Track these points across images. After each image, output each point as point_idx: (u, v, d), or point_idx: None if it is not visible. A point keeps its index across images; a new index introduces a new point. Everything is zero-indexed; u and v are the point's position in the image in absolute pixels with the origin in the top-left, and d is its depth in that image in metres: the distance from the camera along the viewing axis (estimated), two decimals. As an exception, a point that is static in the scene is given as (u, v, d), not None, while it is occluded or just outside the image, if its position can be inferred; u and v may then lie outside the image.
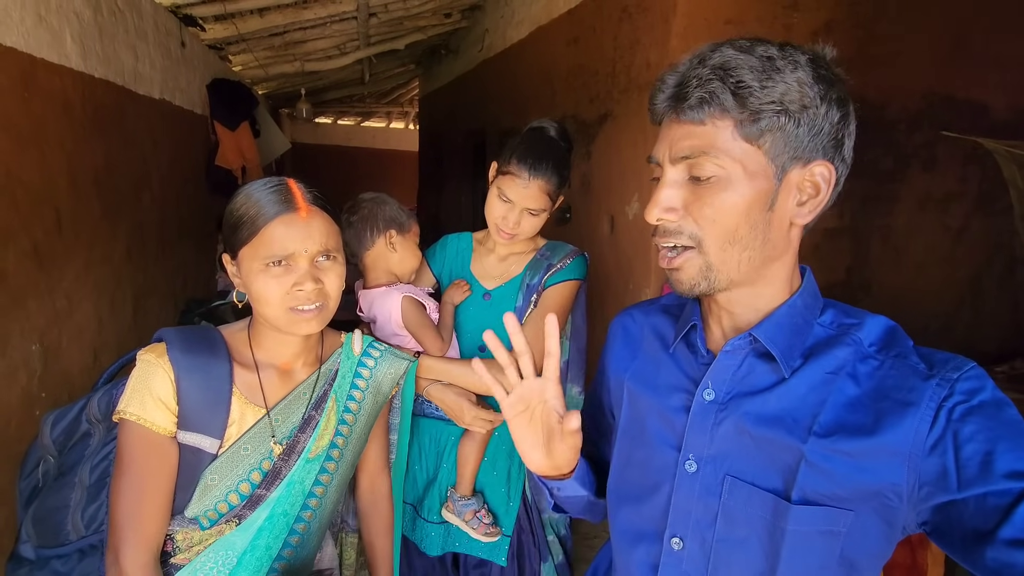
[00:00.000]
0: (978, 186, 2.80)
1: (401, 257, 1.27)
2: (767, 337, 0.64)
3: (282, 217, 0.83)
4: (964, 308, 2.93)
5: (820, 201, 0.63)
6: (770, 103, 0.59)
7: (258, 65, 4.88)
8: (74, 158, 2.16)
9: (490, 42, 4.70)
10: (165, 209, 3.26)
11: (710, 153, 0.61)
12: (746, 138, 0.60)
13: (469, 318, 1.31)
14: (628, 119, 2.66)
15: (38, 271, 1.91)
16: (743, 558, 0.64)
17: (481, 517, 1.27)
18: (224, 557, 0.87)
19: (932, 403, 0.57)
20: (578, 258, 1.29)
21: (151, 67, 3.03)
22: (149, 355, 0.85)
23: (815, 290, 0.69)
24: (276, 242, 0.82)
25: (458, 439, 1.29)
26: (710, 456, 0.66)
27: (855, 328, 0.64)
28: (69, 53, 2.13)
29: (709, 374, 0.68)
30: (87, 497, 0.91)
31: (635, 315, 0.84)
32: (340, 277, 0.89)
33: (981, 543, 0.52)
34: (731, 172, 0.61)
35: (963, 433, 0.55)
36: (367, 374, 1.01)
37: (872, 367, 0.62)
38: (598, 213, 2.94)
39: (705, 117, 0.60)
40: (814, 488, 0.60)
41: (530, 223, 1.22)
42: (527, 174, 1.18)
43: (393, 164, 10.89)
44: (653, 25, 2.44)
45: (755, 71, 0.59)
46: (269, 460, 0.89)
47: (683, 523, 0.67)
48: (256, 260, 0.83)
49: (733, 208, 0.61)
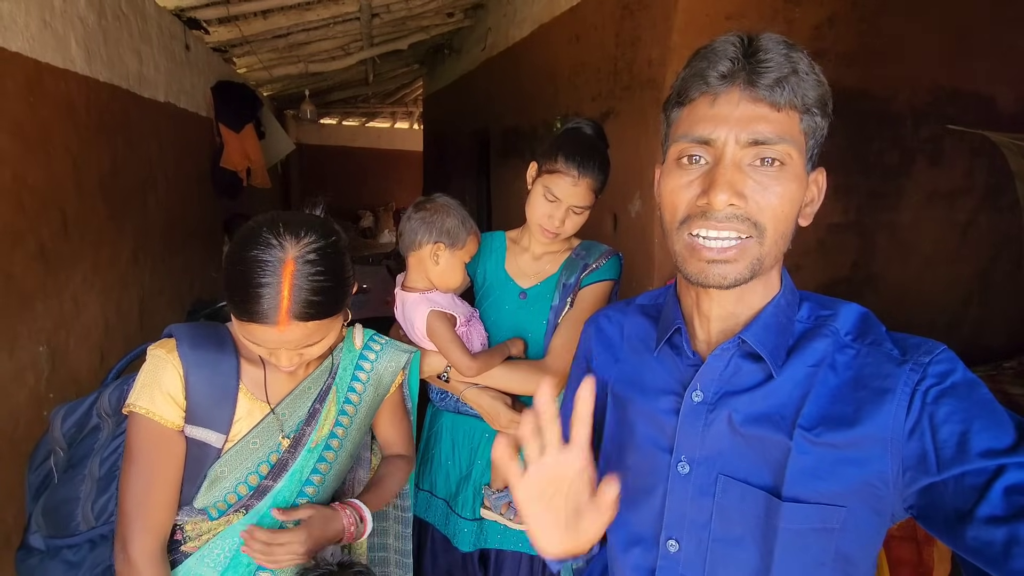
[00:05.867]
0: (985, 180, 2.78)
1: (442, 271, 1.22)
2: (756, 339, 0.64)
3: (262, 325, 0.79)
4: (971, 303, 2.90)
5: (817, 206, 0.66)
6: (819, 103, 0.61)
7: (262, 67, 4.91)
8: (80, 161, 2.19)
9: (493, 41, 4.71)
10: (171, 211, 3.29)
11: (788, 141, 0.59)
12: (803, 132, 0.61)
13: (504, 316, 1.31)
14: (630, 116, 2.66)
15: (45, 273, 1.93)
16: (739, 557, 0.64)
17: (517, 507, 1.27)
18: (231, 544, 0.91)
19: (907, 388, 0.57)
20: (613, 258, 1.30)
21: (156, 70, 3.05)
22: (159, 350, 0.87)
23: (792, 286, 0.69)
24: (256, 337, 0.81)
25: (492, 436, 1.30)
26: (702, 457, 0.66)
27: (831, 319, 0.65)
28: (74, 57, 2.15)
29: (698, 376, 0.67)
30: (97, 489, 0.93)
31: (611, 315, 0.83)
32: (327, 344, 0.87)
33: (962, 523, 0.52)
34: (796, 163, 0.61)
35: (938, 415, 0.56)
36: (368, 367, 1.04)
37: (850, 356, 0.62)
38: (601, 211, 2.93)
39: (783, 101, 0.58)
40: (804, 483, 0.60)
41: (574, 222, 1.22)
42: (576, 172, 1.17)
43: (398, 164, 10.91)
44: (654, 22, 2.44)
45: (810, 68, 0.60)
46: (277, 453, 0.92)
47: (678, 525, 0.67)
48: (241, 334, 0.83)
49: (793, 200, 0.61)
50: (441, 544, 1.36)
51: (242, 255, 0.78)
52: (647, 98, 2.54)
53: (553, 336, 1.25)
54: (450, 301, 1.25)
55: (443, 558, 1.37)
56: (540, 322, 1.28)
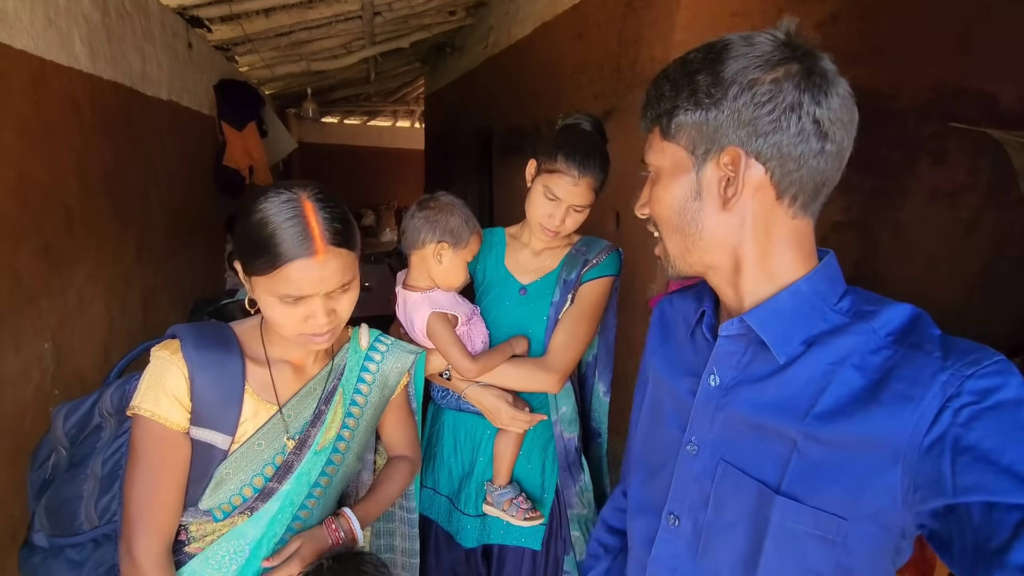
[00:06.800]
0: (988, 178, 2.77)
1: (445, 270, 1.22)
2: (759, 322, 0.63)
3: (300, 260, 0.79)
4: (976, 301, 2.90)
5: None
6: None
7: (264, 65, 4.91)
8: (84, 159, 2.19)
9: (495, 39, 4.70)
10: (174, 209, 3.29)
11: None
12: None
13: (505, 312, 1.31)
14: (633, 115, 2.64)
15: (50, 270, 1.93)
16: (730, 543, 0.64)
17: (519, 503, 1.28)
18: (236, 546, 0.90)
19: (936, 400, 0.52)
20: (613, 253, 1.29)
21: (159, 68, 3.06)
22: (163, 352, 0.86)
23: (831, 275, 0.64)
24: (293, 284, 0.80)
25: (494, 433, 1.30)
26: (709, 440, 0.67)
27: (870, 316, 0.60)
28: (78, 55, 2.15)
29: (712, 360, 0.68)
30: (100, 488, 0.93)
31: (673, 300, 0.84)
32: (353, 300, 0.88)
33: (987, 562, 0.46)
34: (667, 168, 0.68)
35: (967, 438, 0.49)
36: (374, 368, 1.03)
37: (884, 357, 0.57)
38: (604, 209, 2.93)
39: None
40: (804, 482, 0.58)
41: (574, 220, 1.22)
42: (576, 172, 1.16)
43: (400, 162, 10.91)
44: (657, 20, 2.43)
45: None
46: (282, 455, 0.91)
47: (680, 502, 0.69)
48: (271, 293, 0.82)
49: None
50: (444, 541, 1.37)
51: (258, 209, 0.81)
52: (650, 96, 2.54)
53: (554, 333, 1.25)
54: (451, 300, 1.25)
55: (446, 555, 1.37)
56: (541, 318, 1.28)
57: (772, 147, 0.59)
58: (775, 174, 0.60)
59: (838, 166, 0.62)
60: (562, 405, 1.30)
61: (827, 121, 0.59)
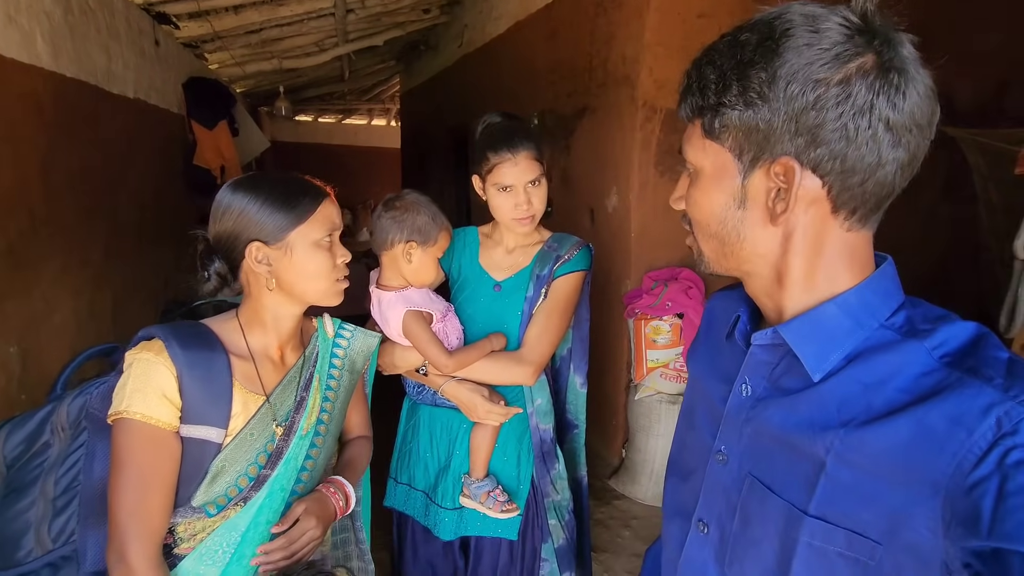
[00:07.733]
0: (946, 172, 2.89)
1: (416, 268, 1.24)
2: (795, 337, 0.56)
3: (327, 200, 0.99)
4: (932, 292, 3.02)
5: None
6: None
7: (235, 63, 4.83)
8: (48, 158, 2.14)
9: (470, 37, 4.71)
10: (143, 209, 3.23)
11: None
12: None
13: (480, 309, 1.33)
14: (606, 112, 2.70)
15: (14, 272, 1.89)
16: (757, 559, 0.60)
17: (496, 496, 1.30)
18: (229, 538, 0.91)
19: (987, 435, 0.45)
20: (584, 249, 1.33)
21: (124, 66, 2.99)
22: (146, 353, 0.85)
23: (886, 287, 0.57)
24: (328, 221, 0.98)
25: (470, 427, 1.32)
26: (738, 452, 0.63)
27: (924, 334, 0.53)
28: (40, 53, 2.10)
29: (744, 368, 0.63)
30: (53, 510, 0.90)
31: (720, 297, 0.79)
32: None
33: None
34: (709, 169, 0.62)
35: (1016, 479, 0.43)
36: (342, 353, 1.08)
37: (935, 381, 0.50)
38: (579, 206, 2.97)
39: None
40: (834, 504, 0.53)
41: (538, 196, 1.25)
42: (509, 152, 1.20)
43: (376, 161, 10.82)
44: (628, 20, 2.48)
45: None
46: (272, 442, 0.94)
47: (709, 510, 0.66)
48: (309, 239, 0.94)
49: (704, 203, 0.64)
50: (421, 535, 1.39)
51: (285, 178, 1.00)
52: (622, 95, 2.59)
53: (528, 327, 1.28)
54: (425, 298, 1.26)
55: (423, 548, 1.39)
56: (515, 313, 1.31)
57: (834, 159, 0.51)
58: (833, 188, 0.52)
59: (908, 175, 0.53)
60: (537, 397, 1.33)
61: (902, 127, 0.50)
